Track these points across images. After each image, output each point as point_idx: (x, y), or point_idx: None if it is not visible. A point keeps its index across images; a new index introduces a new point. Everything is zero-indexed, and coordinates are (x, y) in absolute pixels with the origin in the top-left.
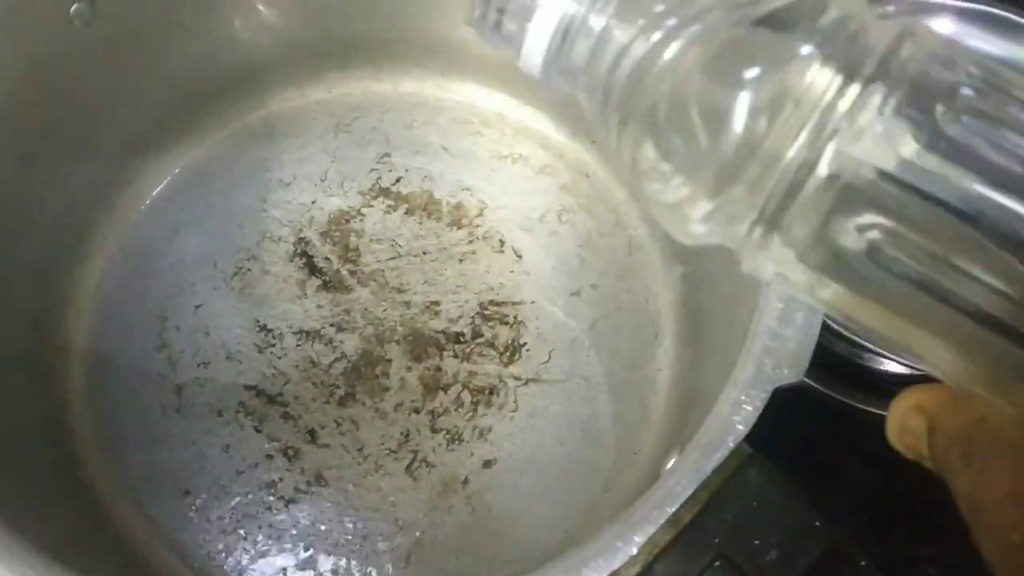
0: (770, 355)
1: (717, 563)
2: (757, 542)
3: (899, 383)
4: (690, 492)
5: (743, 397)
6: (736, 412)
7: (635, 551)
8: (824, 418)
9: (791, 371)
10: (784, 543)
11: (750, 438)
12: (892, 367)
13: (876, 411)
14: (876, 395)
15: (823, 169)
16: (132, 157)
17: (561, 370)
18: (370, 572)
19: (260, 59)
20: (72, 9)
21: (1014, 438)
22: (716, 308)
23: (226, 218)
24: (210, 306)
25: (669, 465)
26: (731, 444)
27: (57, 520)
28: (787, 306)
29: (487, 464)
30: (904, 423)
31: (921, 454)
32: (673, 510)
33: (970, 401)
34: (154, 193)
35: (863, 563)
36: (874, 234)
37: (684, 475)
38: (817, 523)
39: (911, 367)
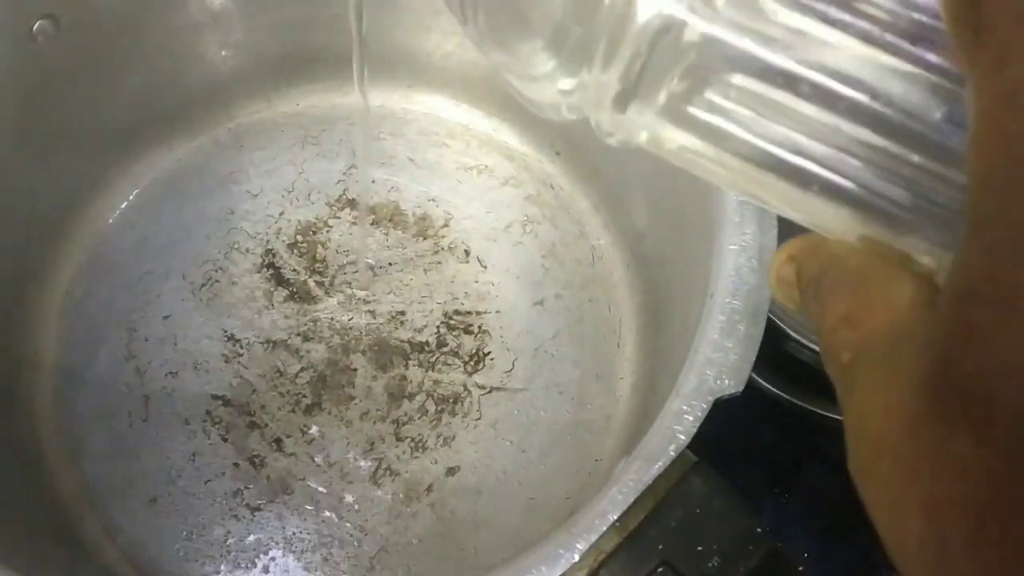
0: (712, 366)
1: (660, 569)
2: (700, 548)
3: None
4: (632, 500)
5: (684, 407)
6: (678, 422)
7: (577, 558)
8: (785, 424)
9: (732, 382)
10: (726, 549)
11: (699, 445)
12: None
13: (837, 416)
14: (832, 399)
15: (653, 22)
16: (100, 169)
17: (524, 379)
18: None
19: (227, 73)
20: (35, 26)
21: (853, 266)
22: (672, 318)
23: (194, 229)
24: (178, 316)
25: (619, 468)
26: (672, 453)
27: (18, 526)
28: (729, 318)
29: (451, 471)
30: (780, 274)
31: (796, 301)
32: (615, 518)
33: (826, 242)
34: (123, 205)
35: (800, 568)
36: (721, 90)
37: (627, 483)
38: (759, 529)
39: None
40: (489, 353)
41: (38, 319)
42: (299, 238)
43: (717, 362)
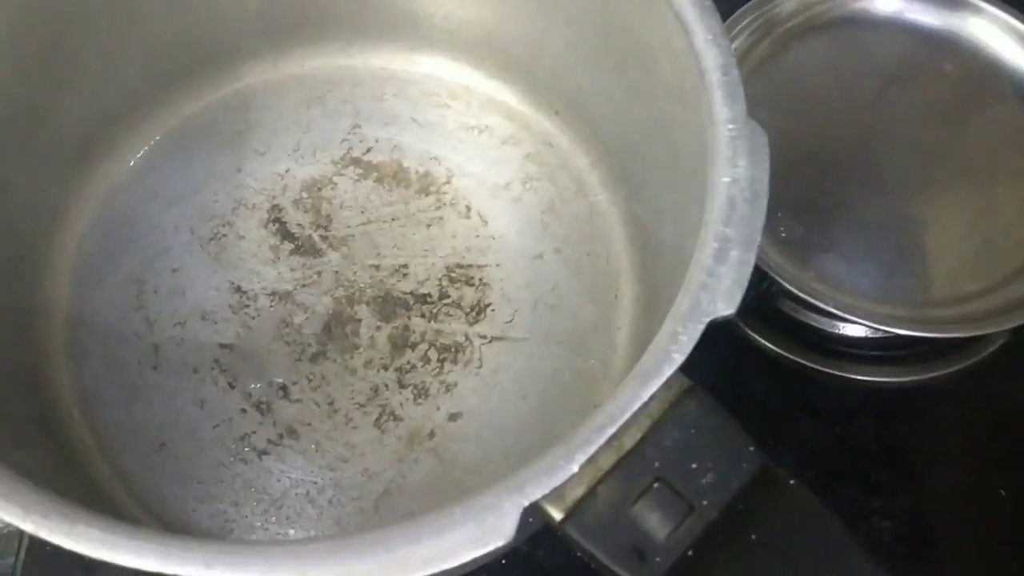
0: (706, 290)
1: (656, 484)
2: (694, 466)
3: (852, 345)
4: (628, 415)
5: (679, 329)
6: (673, 343)
7: (576, 469)
8: (777, 378)
9: (724, 304)
10: (719, 466)
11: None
12: (849, 330)
13: (830, 371)
14: (829, 356)
15: None
16: (110, 126)
17: (525, 329)
18: (340, 519)
19: (235, 35)
20: None
21: None
22: (666, 269)
23: (202, 186)
24: (186, 270)
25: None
26: (667, 372)
27: (32, 469)
28: (721, 246)
29: (452, 417)
30: None
31: None
32: (612, 431)
33: None
34: (132, 162)
35: (792, 482)
36: None
37: (624, 401)
38: (751, 448)
39: (864, 328)
40: (490, 304)
41: (49, 271)
42: (304, 195)
43: (711, 286)
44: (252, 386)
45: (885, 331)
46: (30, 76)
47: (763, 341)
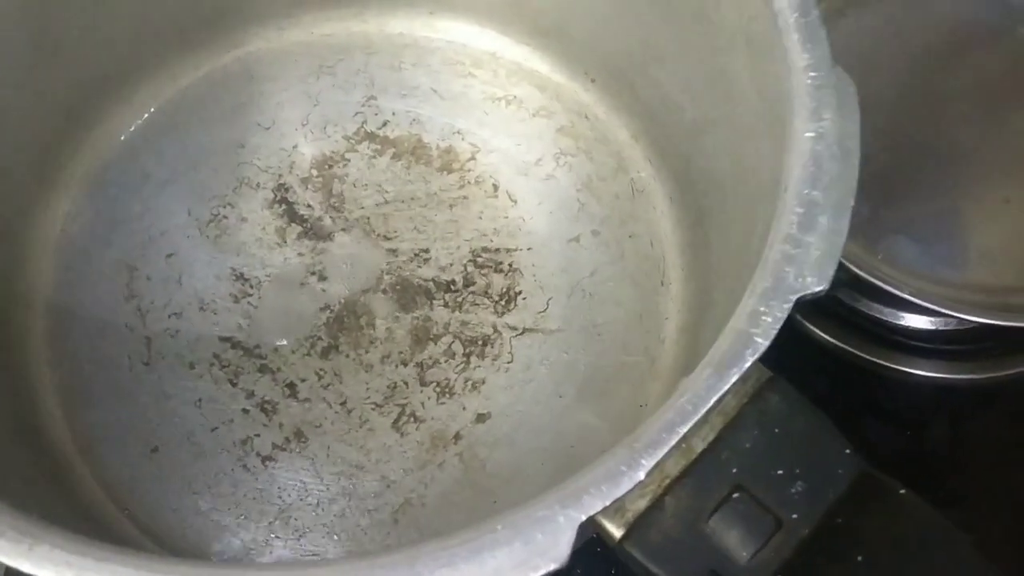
0: (791, 263)
1: (736, 495)
2: (780, 472)
3: (919, 338)
4: (704, 411)
5: (762, 308)
6: (754, 324)
7: (643, 476)
8: (841, 376)
9: (815, 279)
10: (810, 473)
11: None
12: (912, 321)
13: (895, 367)
14: (895, 350)
15: None
16: (99, 96)
17: (560, 319)
18: (354, 534)
19: None
20: None
21: None
22: (729, 240)
23: (200, 163)
24: (183, 254)
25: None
26: (750, 358)
27: (10, 475)
28: (808, 211)
29: (480, 418)
30: None
31: None
32: (685, 430)
33: None
34: (123, 136)
35: (902, 492)
36: None
37: (697, 393)
38: (847, 451)
39: (933, 320)
40: (521, 292)
41: (30, 255)
42: (314, 172)
43: (797, 259)
44: (255, 384)
45: (965, 320)
46: (6, 37)
47: (822, 335)
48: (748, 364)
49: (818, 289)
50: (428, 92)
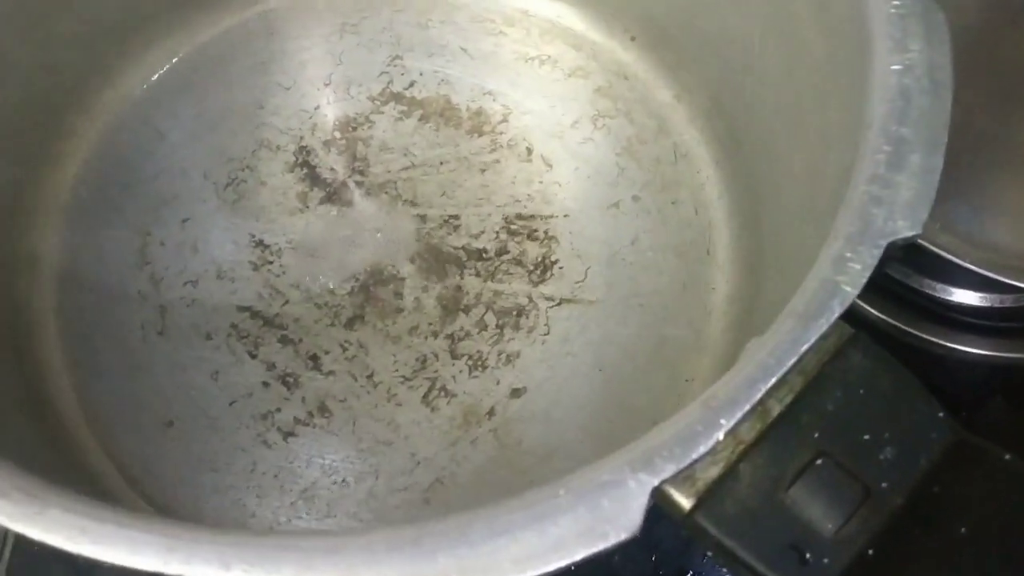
0: (879, 205)
1: (819, 461)
2: (867, 437)
3: (969, 314)
4: (788, 366)
5: (848, 254)
6: (840, 271)
7: (721, 437)
8: (894, 355)
9: (907, 222)
10: (901, 437)
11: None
12: (963, 297)
13: (949, 344)
14: (948, 328)
15: None
16: (112, 52)
17: (599, 289)
18: (383, 514)
19: None
20: None
21: None
22: (784, 201)
23: (218, 124)
24: (199, 219)
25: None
26: (838, 309)
27: (14, 448)
28: (896, 149)
29: (515, 393)
30: None
31: None
32: (767, 387)
33: None
34: (137, 94)
35: (1007, 457)
36: None
37: (779, 346)
38: (940, 414)
39: (985, 295)
40: (557, 261)
41: (40, 218)
42: (337, 135)
43: (885, 200)
44: (276, 355)
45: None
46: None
47: (871, 310)
48: (836, 315)
49: (910, 233)
50: (457, 51)
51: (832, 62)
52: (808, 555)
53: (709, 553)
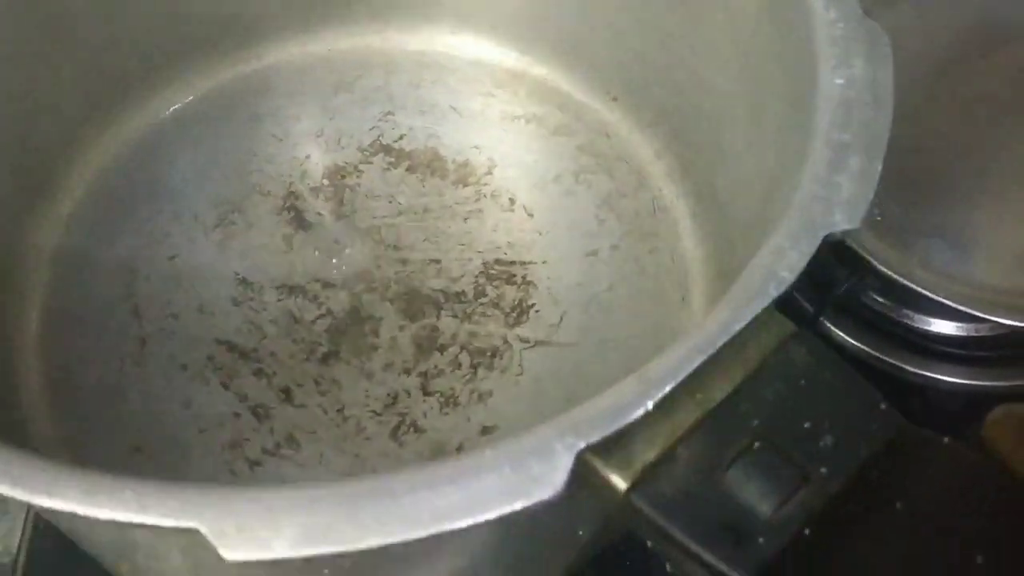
0: (819, 202)
1: (757, 444)
2: (806, 425)
3: (947, 343)
4: (719, 346)
5: (785, 244)
6: (778, 260)
7: (650, 406)
8: (870, 382)
9: (843, 217)
10: (841, 427)
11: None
12: (941, 327)
13: (927, 374)
14: (926, 357)
15: None
16: (113, 99)
17: (574, 333)
18: None
19: (258, 7)
20: None
21: None
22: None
23: (211, 170)
24: (185, 257)
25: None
26: (774, 292)
27: None
28: (837, 154)
29: (485, 431)
30: None
31: None
32: (697, 363)
33: None
34: (134, 141)
35: (946, 440)
36: None
37: (713, 329)
38: (882, 405)
39: (963, 325)
40: (534, 305)
41: (31, 252)
42: (325, 182)
43: (824, 198)
44: (249, 387)
45: (999, 325)
46: (25, 33)
47: (851, 340)
48: (772, 298)
49: (847, 227)
50: (447, 109)
51: (795, 106)
52: (745, 535)
53: (649, 540)
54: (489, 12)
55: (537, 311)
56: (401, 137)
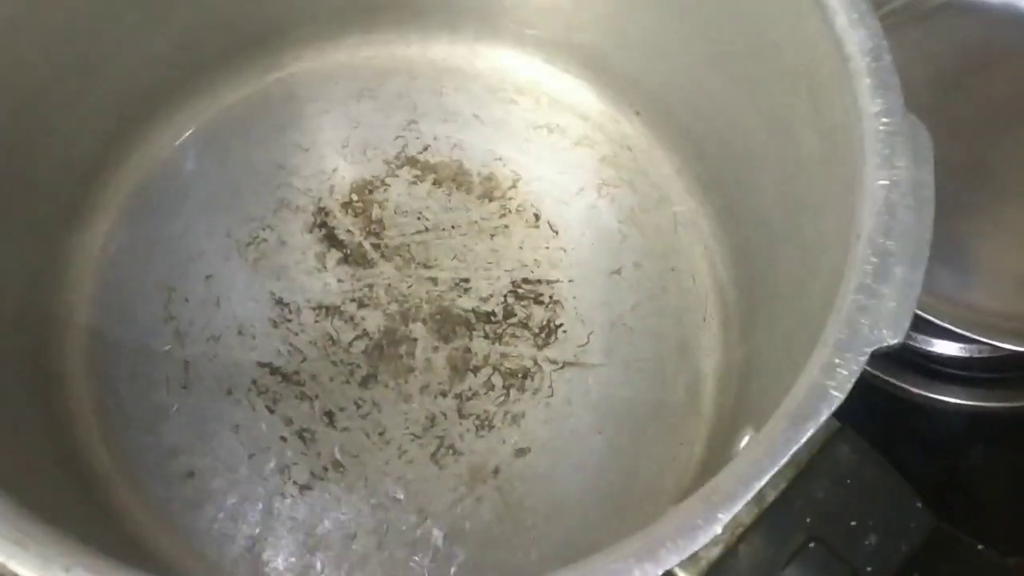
0: (865, 314)
1: (811, 545)
2: (853, 523)
3: (952, 365)
4: (780, 465)
5: (837, 360)
6: (830, 376)
7: (719, 530)
8: (872, 403)
9: (891, 331)
10: (883, 525)
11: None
12: (943, 348)
13: (929, 395)
14: (928, 378)
15: None
16: (141, 116)
17: (600, 353)
18: (391, 568)
19: (281, 17)
20: None
21: None
22: (778, 281)
23: (241, 184)
24: (222, 277)
25: (743, 443)
26: (825, 412)
27: (47, 494)
28: (883, 260)
29: (520, 452)
30: None
31: None
32: (761, 484)
33: None
34: (164, 156)
35: (980, 547)
36: None
37: (773, 446)
38: (919, 504)
39: (965, 347)
40: (561, 325)
41: (71, 276)
42: (354, 196)
43: (871, 310)
44: (294, 411)
45: (999, 348)
46: (56, 53)
47: None
48: (824, 417)
49: (893, 342)
50: (470, 118)
51: (826, 165)
52: None
53: None
54: (512, 21)
55: (564, 331)
56: (426, 148)
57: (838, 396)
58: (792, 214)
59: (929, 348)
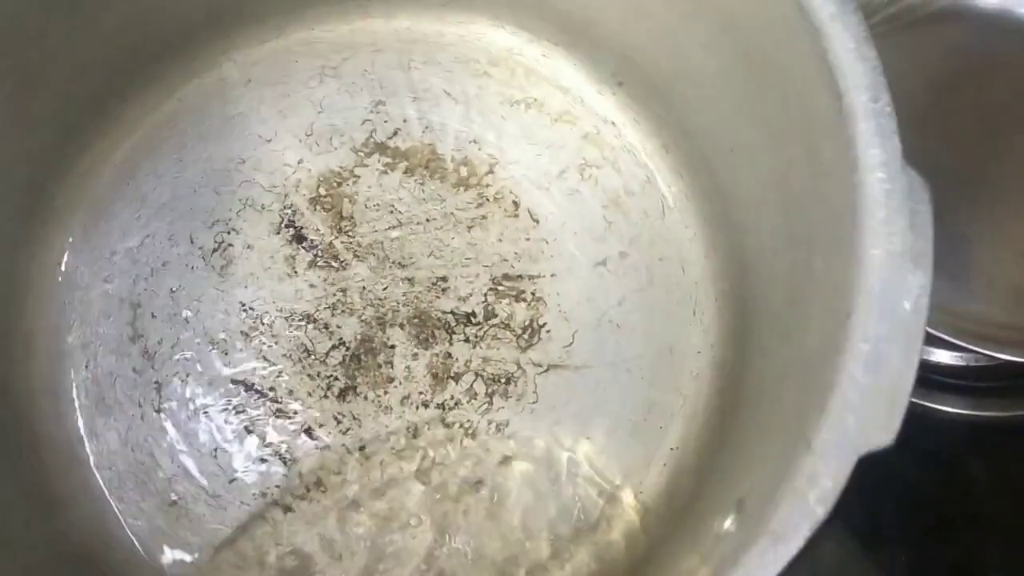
0: (853, 412)
1: None
2: None
3: (946, 374)
4: None
5: (819, 467)
6: (813, 487)
7: None
8: None
9: (880, 432)
10: None
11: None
12: (939, 357)
13: (927, 404)
14: (926, 387)
15: None
16: (88, 118)
17: (586, 354)
18: None
19: None
20: None
21: None
22: (770, 278)
23: (201, 184)
24: (188, 288)
25: (726, 525)
26: (808, 532)
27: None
28: (874, 348)
29: (505, 461)
30: None
31: None
32: None
33: None
34: (116, 159)
35: None
36: None
37: (753, 571)
38: None
39: (961, 355)
40: (545, 325)
41: (28, 296)
42: (322, 191)
43: (860, 408)
44: (272, 430)
45: (995, 357)
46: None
47: None
48: (806, 536)
49: (884, 445)
50: (440, 94)
51: (823, 166)
52: None
53: None
54: None
55: (548, 331)
56: (395, 132)
57: (821, 512)
58: (789, 216)
59: (927, 357)
